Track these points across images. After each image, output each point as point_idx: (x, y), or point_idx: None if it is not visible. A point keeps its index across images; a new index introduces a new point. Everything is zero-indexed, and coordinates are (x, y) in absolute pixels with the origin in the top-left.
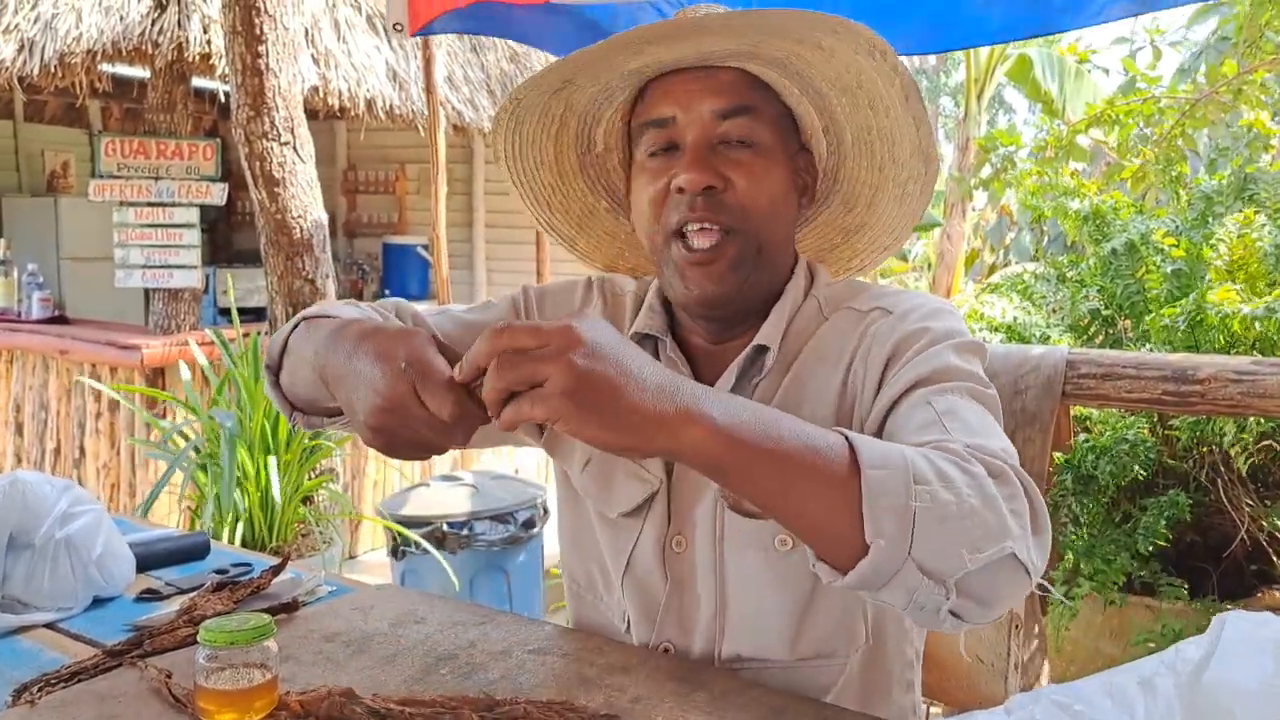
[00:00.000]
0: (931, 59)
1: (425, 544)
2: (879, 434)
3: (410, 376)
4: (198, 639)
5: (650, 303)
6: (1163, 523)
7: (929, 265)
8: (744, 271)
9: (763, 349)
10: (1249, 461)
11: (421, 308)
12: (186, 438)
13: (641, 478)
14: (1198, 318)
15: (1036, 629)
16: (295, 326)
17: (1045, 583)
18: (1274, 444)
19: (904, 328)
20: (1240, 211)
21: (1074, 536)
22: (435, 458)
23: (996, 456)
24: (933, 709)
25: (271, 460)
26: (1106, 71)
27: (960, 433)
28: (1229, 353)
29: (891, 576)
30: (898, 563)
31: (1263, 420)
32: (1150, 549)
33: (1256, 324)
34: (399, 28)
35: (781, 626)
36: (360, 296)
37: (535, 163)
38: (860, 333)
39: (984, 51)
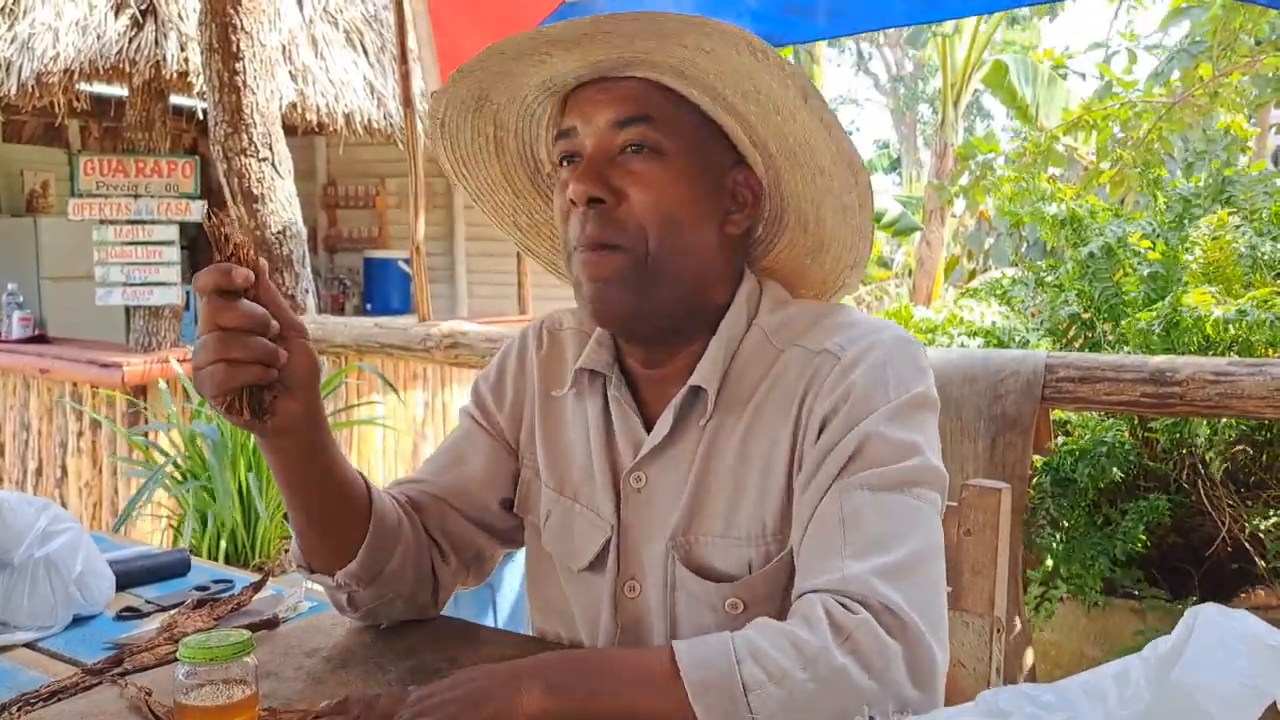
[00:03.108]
0: (909, 65)
1: None
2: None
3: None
4: (177, 656)
5: (599, 335)
6: (1141, 528)
7: (909, 272)
8: (640, 289)
9: (701, 390)
10: (1223, 466)
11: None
12: (167, 454)
13: (595, 524)
14: (1173, 320)
15: (1019, 632)
16: None
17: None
18: (1248, 448)
19: (846, 383)
20: (1216, 214)
21: (1052, 540)
22: None
23: (870, 595)
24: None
25: (251, 477)
26: (1083, 76)
27: (854, 550)
28: (1206, 355)
29: None
30: None
31: (1236, 422)
32: (1129, 554)
33: (1229, 327)
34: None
35: None
36: (341, 310)
37: (488, 184)
38: (809, 378)
39: (960, 58)
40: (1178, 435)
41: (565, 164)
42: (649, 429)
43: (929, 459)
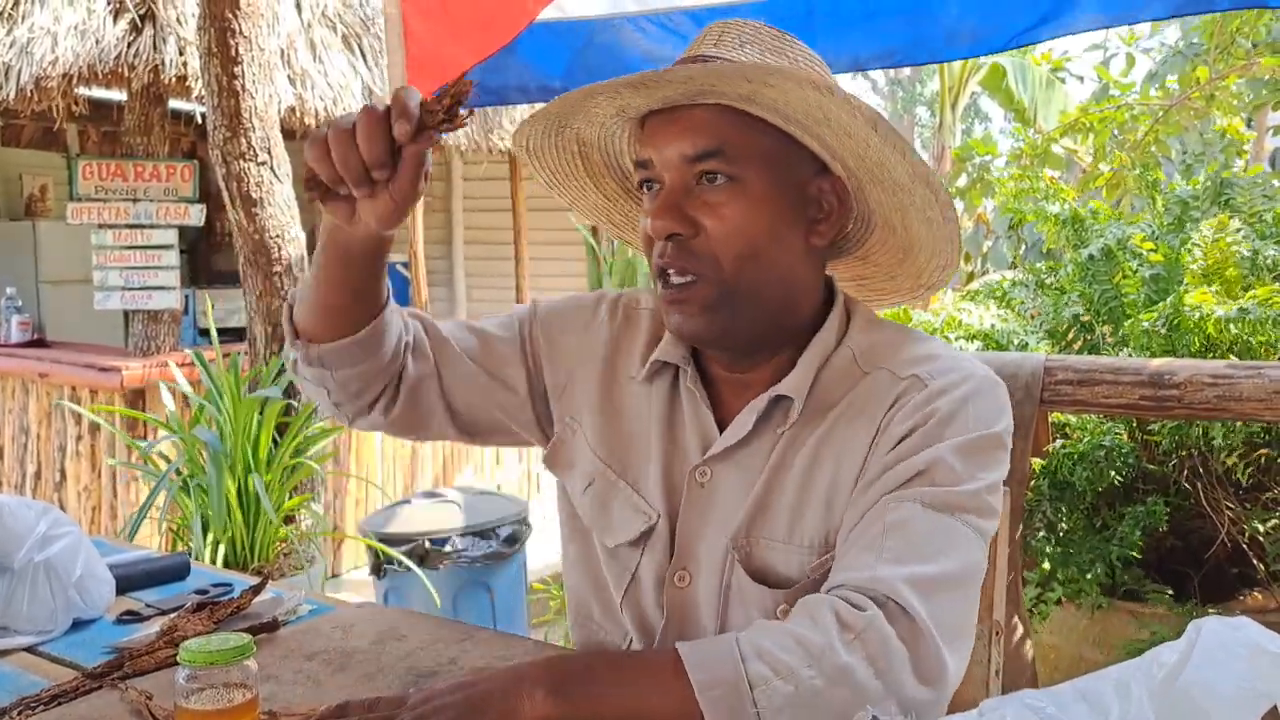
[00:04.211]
0: (905, 69)
1: (407, 561)
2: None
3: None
4: (178, 659)
5: None
6: (1138, 533)
7: None
8: (721, 314)
9: (783, 399)
10: (1247, 468)
11: (445, 327)
12: (168, 459)
13: (639, 509)
14: (1175, 320)
15: (1018, 635)
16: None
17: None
18: (1266, 451)
19: (929, 408)
20: (1216, 216)
21: (1049, 544)
22: (420, 475)
23: (893, 597)
24: None
25: (256, 479)
26: (1081, 79)
27: (892, 555)
28: (1206, 356)
29: None
30: None
31: (1242, 425)
32: (1126, 558)
33: (1231, 326)
34: None
35: None
36: None
37: (580, 191)
38: (893, 399)
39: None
40: (1179, 437)
41: (646, 189)
42: (720, 426)
43: (988, 494)
